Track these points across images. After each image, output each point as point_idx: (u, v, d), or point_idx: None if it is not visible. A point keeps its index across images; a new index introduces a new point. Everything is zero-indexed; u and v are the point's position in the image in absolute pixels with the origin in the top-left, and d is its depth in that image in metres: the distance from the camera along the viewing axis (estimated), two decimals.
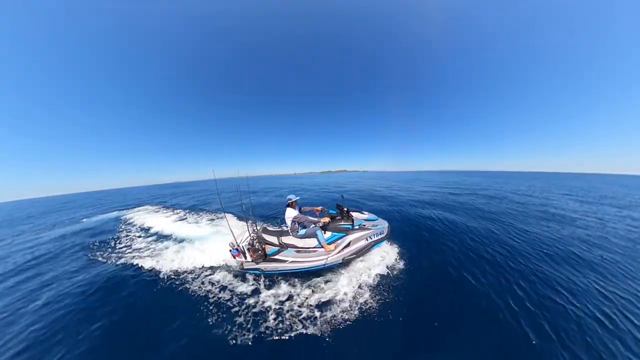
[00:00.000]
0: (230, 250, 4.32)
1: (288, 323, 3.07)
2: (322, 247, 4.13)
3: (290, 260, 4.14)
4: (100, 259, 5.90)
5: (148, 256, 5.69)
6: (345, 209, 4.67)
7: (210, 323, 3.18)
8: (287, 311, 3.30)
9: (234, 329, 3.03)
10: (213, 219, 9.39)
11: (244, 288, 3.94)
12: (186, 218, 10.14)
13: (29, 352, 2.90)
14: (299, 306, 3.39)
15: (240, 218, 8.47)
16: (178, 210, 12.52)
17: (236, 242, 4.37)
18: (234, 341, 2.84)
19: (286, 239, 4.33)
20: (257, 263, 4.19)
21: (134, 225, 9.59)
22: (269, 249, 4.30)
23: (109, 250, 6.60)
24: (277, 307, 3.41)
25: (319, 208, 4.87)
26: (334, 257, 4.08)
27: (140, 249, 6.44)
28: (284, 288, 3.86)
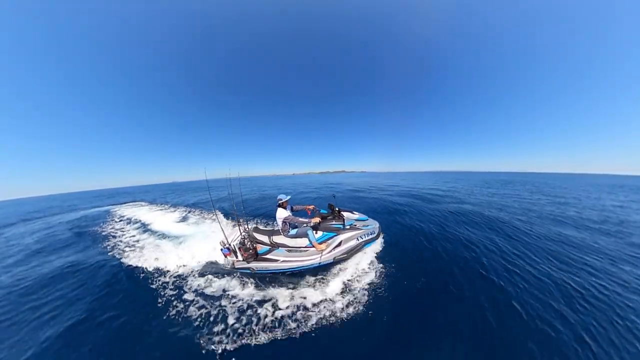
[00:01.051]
0: (221, 250, 4.29)
1: (280, 322, 3.09)
2: (314, 246, 4.16)
3: (281, 260, 4.14)
4: (92, 251, 5.82)
5: (138, 251, 5.62)
6: (337, 209, 4.72)
7: (198, 322, 3.16)
8: (278, 311, 3.31)
9: (223, 329, 3.02)
10: (204, 218, 9.32)
11: (235, 287, 3.94)
12: (177, 216, 10.04)
13: None
14: (290, 306, 3.40)
15: (231, 217, 8.43)
16: (170, 209, 12.38)
17: (227, 241, 4.35)
18: (224, 341, 2.84)
19: (277, 239, 4.34)
20: (248, 262, 4.18)
21: (125, 221, 9.59)
22: (260, 249, 4.29)
23: (99, 243, 6.54)
24: (268, 306, 3.42)
25: (311, 207, 4.89)
26: (325, 257, 4.10)
27: (130, 244, 6.37)
28: (274, 287, 3.86)
